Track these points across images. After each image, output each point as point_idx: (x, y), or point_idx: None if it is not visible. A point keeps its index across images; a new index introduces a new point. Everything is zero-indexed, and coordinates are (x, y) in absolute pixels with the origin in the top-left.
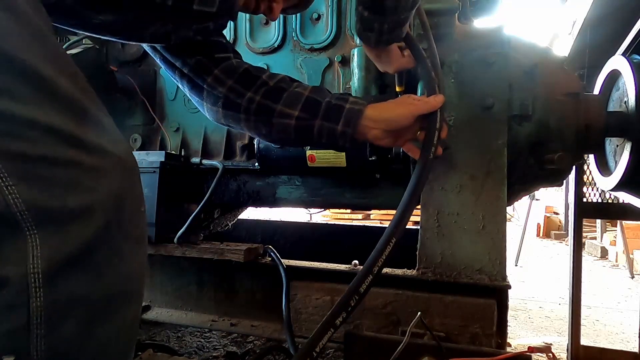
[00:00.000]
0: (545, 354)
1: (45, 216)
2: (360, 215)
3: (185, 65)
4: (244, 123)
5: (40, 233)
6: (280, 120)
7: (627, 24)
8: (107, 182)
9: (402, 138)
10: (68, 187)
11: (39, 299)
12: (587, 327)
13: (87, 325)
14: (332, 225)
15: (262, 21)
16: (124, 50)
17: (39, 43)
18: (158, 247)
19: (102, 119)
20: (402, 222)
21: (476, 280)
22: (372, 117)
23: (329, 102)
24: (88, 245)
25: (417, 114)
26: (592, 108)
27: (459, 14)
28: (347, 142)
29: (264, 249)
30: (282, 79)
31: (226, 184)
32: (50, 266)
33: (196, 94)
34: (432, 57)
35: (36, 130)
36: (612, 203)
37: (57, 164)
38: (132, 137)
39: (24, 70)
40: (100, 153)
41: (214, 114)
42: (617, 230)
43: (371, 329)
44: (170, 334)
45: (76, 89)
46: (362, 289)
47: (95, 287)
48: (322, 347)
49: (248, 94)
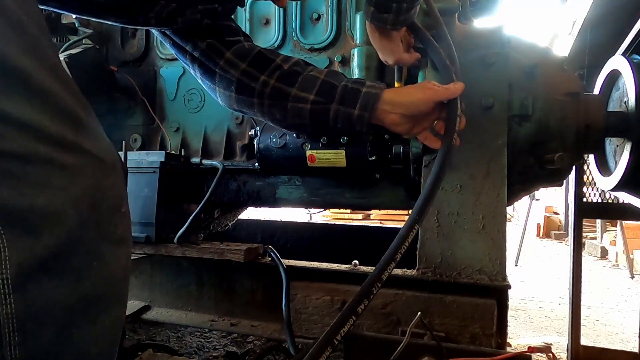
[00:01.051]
0: (545, 354)
1: (14, 216)
2: (360, 215)
3: (196, 49)
4: (257, 108)
5: (8, 235)
6: (295, 105)
7: (627, 24)
8: (82, 180)
9: (419, 125)
10: (38, 185)
11: (9, 306)
12: (587, 327)
13: (64, 332)
14: (332, 225)
15: (262, 21)
16: (124, 50)
17: (16, 34)
18: (158, 247)
19: (82, 116)
20: (426, 209)
21: (476, 280)
22: (390, 100)
23: (346, 86)
24: (62, 247)
25: (437, 100)
26: (592, 108)
27: (459, 14)
28: (364, 127)
29: (264, 249)
30: (296, 62)
31: (226, 184)
32: (20, 270)
33: (208, 78)
34: (447, 47)
35: (7, 124)
36: (612, 203)
37: (28, 161)
38: (132, 137)
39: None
40: (75, 151)
41: (226, 98)
42: (617, 230)
43: (371, 329)
44: (170, 334)
45: (55, 82)
46: (392, 264)
47: (72, 291)
48: (343, 334)
49: (262, 77)
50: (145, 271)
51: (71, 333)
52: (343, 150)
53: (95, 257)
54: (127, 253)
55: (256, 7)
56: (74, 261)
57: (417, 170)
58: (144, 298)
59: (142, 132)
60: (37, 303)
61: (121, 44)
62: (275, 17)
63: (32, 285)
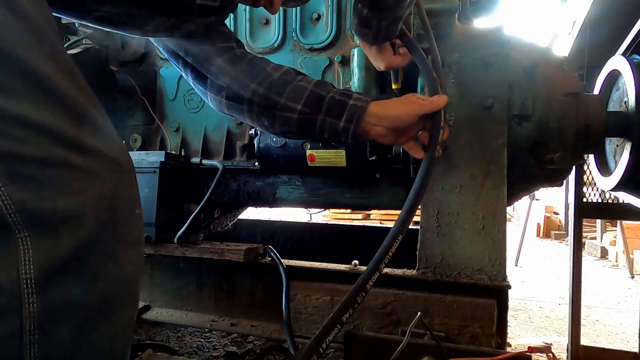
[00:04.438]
0: (545, 354)
1: (36, 219)
2: (360, 215)
3: (188, 55)
4: (246, 114)
5: (32, 236)
6: (283, 114)
7: (627, 24)
8: (100, 184)
9: (403, 136)
10: (59, 189)
11: (32, 305)
12: (587, 327)
13: (81, 331)
14: (332, 225)
15: (262, 21)
16: (124, 50)
17: (37, 40)
18: (158, 247)
19: (98, 119)
20: (409, 219)
21: (476, 280)
22: (376, 113)
23: (333, 97)
24: (81, 248)
25: (421, 113)
26: (592, 108)
27: (459, 14)
28: (349, 139)
29: (264, 249)
30: (286, 71)
31: (226, 184)
32: (42, 271)
33: (200, 83)
34: (433, 57)
35: (28, 129)
36: (612, 203)
37: (48, 165)
38: (132, 137)
39: (18, 67)
40: (93, 154)
41: (217, 103)
42: (617, 230)
43: (371, 329)
44: (170, 334)
45: (73, 87)
46: (368, 285)
47: (89, 291)
48: (328, 343)
49: (252, 85)
50: (145, 271)
51: (87, 332)
52: (343, 150)
53: (111, 259)
54: (140, 254)
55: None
56: (91, 262)
57: (417, 170)
58: (144, 298)
59: (142, 132)
60: (55, 303)
61: (121, 44)
62: (275, 17)
63: (52, 285)
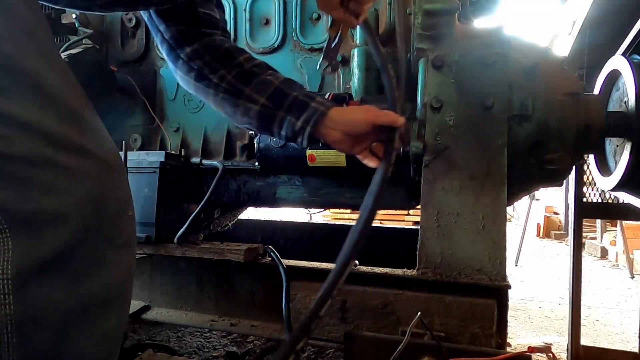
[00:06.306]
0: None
1: (19, 219)
2: None
3: (167, 31)
4: (211, 98)
5: (13, 236)
6: (245, 104)
7: (627, 24)
8: (87, 184)
9: (359, 145)
10: (44, 188)
11: (9, 307)
12: (587, 327)
13: (63, 334)
14: (332, 225)
15: (262, 21)
16: (124, 50)
17: (27, 37)
18: (158, 247)
19: (89, 118)
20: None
21: (476, 280)
22: (334, 119)
23: (296, 97)
24: (63, 250)
25: (376, 122)
26: (592, 108)
27: (459, 14)
28: (305, 139)
29: (264, 249)
30: (258, 64)
31: (226, 184)
32: (20, 272)
33: (172, 60)
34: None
35: (13, 126)
36: (612, 203)
37: (34, 164)
38: (132, 137)
39: (6, 63)
40: (81, 153)
41: (185, 82)
42: (617, 230)
43: (371, 329)
44: (170, 334)
45: (63, 85)
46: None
47: (72, 294)
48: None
49: (221, 71)
50: (145, 271)
51: (69, 335)
52: None
53: (96, 261)
54: (132, 257)
55: (256, 7)
56: (74, 264)
57: (417, 170)
58: (144, 298)
59: (142, 132)
60: (35, 305)
61: (121, 44)
62: (276, 17)
63: (31, 287)
